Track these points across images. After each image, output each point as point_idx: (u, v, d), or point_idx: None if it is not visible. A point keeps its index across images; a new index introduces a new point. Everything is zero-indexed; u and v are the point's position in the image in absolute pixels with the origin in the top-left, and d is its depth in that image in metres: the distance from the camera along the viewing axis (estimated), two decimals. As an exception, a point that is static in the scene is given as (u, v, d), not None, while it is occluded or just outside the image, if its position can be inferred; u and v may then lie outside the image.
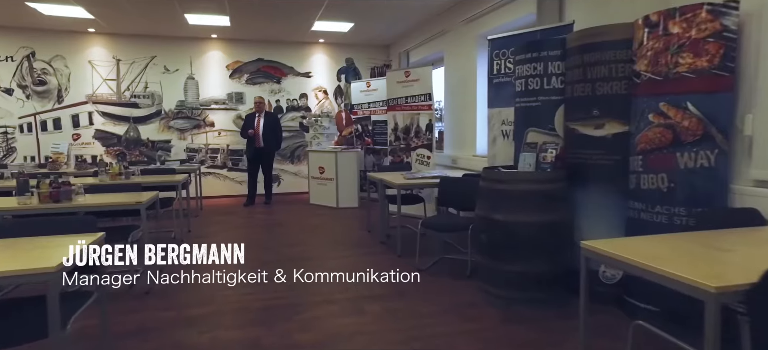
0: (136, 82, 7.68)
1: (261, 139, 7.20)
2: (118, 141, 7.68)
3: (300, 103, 8.52)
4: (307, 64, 8.50)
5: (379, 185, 4.90)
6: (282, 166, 8.47)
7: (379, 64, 8.85)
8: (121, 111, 7.66)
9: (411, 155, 6.25)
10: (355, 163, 7.08)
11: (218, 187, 8.18)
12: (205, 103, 8.03)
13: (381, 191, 4.92)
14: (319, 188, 7.33)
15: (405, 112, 6.26)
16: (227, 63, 8.10)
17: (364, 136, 7.80)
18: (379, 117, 7.49)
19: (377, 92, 7.50)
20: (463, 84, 5.97)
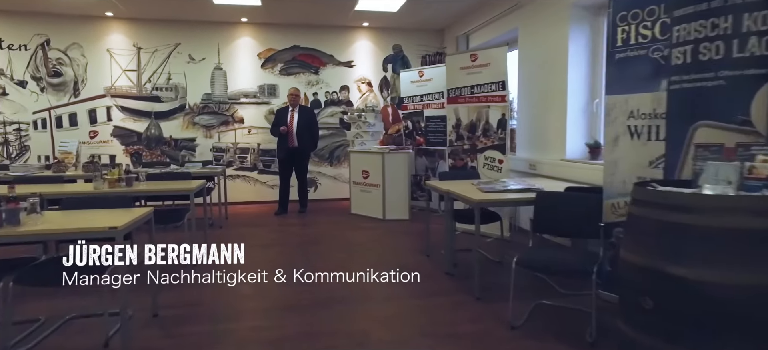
0: (158, 72, 6.83)
1: (295, 137, 6.17)
2: (138, 139, 6.85)
3: (340, 97, 7.45)
4: (349, 51, 7.42)
5: (446, 199, 3.71)
6: (319, 169, 7.43)
7: (431, 52, 7.64)
8: (141, 105, 6.82)
9: (477, 158, 5.03)
10: (405, 167, 5.93)
11: (247, 192, 7.22)
12: (234, 96, 7.09)
13: (448, 206, 3.75)
14: (362, 196, 6.22)
15: (470, 104, 5.05)
16: (259, 51, 7.13)
17: (415, 135, 6.63)
18: (434, 112, 6.30)
19: (432, 83, 6.32)
20: (547, 68, 4.70)
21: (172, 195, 3.84)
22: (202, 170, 5.47)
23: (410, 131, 6.71)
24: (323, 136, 7.24)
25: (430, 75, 6.33)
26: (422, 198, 6.47)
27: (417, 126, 6.59)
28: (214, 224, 5.71)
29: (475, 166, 5.04)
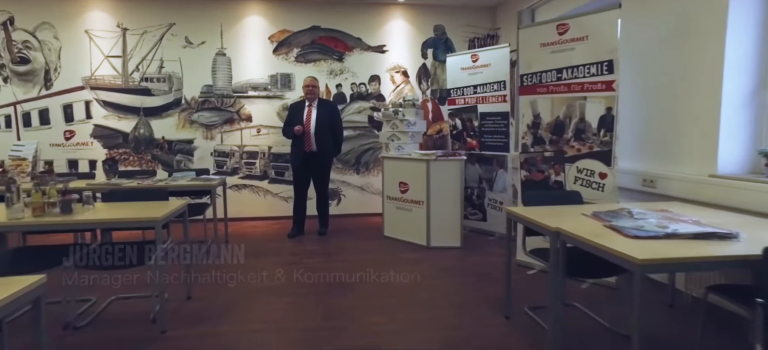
0: (148, 59, 5.58)
1: (313, 139, 4.84)
2: (124, 141, 5.61)
3: (370, 89, 6.08)
4: (381, 34, 6.04)
5: (554, 243, 2.28)
6: (343, 177, 6.07)
7: (481, 34, 6.22)
8: (128, 100, 5.58)
9: (564, 170, 3.58)
10: (458, 179, 4.52)
11: (256, 206, 5.92)
12: (241, 88, 5.79)
13: (556, 258, 2.30)
14: (398, 215, 4.84)
15: (557, 95, 3.61)
16: (270, 33, 5.82)
17: (465, 136, 5.21)
18: (493, 107, 4.87)
19: (489, 70, 4.88)
20: (681, 40, 3.23)
21: (125, 225, 2.57)
22: (192, 182, 4.16)
23: (459, 131, 5.29)
24: (348, 138, 5.89)
25: (487, 59, 4.90)
26: (474, 216, 5.06)
27: (468, 125, 5.17)
28: (210, 250, 4.40)
29: (562, 181, 3.60)
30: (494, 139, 4.92)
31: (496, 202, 4.98)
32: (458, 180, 4.52)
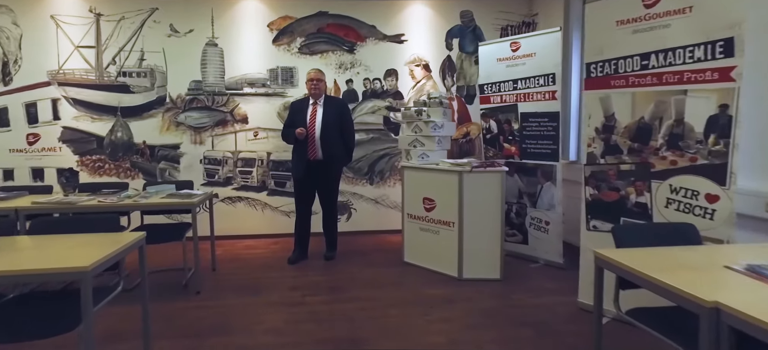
0: (126, 50, 4.76)
1: (318, 144, 3.99)
2: (98, 145, 4.79)
3: (386, 85, 5.21)
4: (398, 21, 5.17)
5: (711, 328, 1.37)
6: (354, 188, 5.21)
7: (515, 21, 5.32)
8: (102, 97, 4.76)
9: (651, 188, 2.68)
10: (498, 195, 3.63)
11: (253, 222, 5.07)
12: (235, 84, 4.95)
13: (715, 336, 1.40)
14: (422, 238, 3.96)
15: (638, 89, 2.70)
16: (270, 20, 4.97)
17: (503, 141, 4.32)
18: (538, 105, 3.98)
19: (534, 60, 3.99)
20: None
21: (52, 276, 1.74)
22: (166, 200, 3.31)
23: (493, 135, 4.40)
24: (360, 142, 5.02)
25: (532, 47, 4.01)
26: (512, 238, 4.18)
27: (505, 127, 4.28)
28: (189, 284, 3.56)
29: (647, 204, 2.70)
30: (539, 145, 4.03)
31: (541, 222, 4.08)
32: (498, 197, 3.63)
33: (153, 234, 3.58)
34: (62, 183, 3.37)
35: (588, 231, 3.00)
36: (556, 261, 4.00)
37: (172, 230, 3.59)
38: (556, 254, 4.00)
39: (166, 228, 3.72)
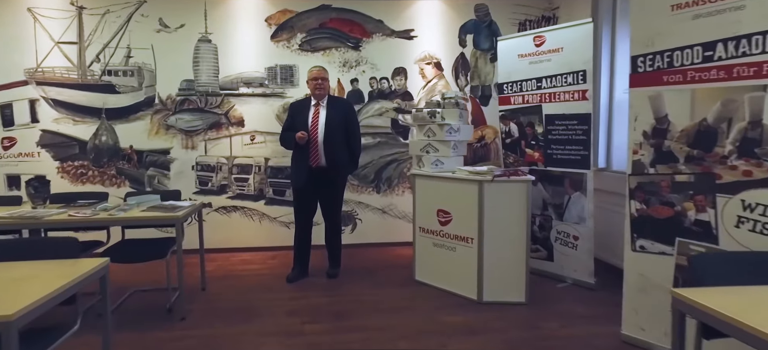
0: (111, 47, 4.36)
1: (321, 149, 3.58)
2: (81, 151, 4.40)
3: (394, 85, 4.79)
4: (408, 16, 4.76)
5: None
6: (359, 197, 4.79)
7: (534, 16, 4.90)
8: (86, 98, 4.37)
9: (716, 203, 2.24)
10: (523, 207, 3.19)
11: (250, 233, 4.66)
12: (230, 84, 4.55)
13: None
14: (436, 255, 3.54)
15: (699, 85, 2.27)
16: (268, 14, 4.57)
17: (525, 146, 3.90)
18: (566, 106, 3.55)
19: (561, 55, 3.57)
20: None
21: None
22: (146, 214, 2.90)
23: (514, 140, 3.97)
24: (366, 146, 4.61)
25: (558, 41, 3.58)
26: (535, 253, 3.76)
27: (527, 131, 3.85)
28: (173, 308, 3.14)
29: (711, 223, 2.26)
30: (567, 151, 3.60)
31: (568, 237, 3.65)
32: (523, 210, 3.20)
33: (133, 252, 3.19)
34: (30, 194, 2.98)
35: (634, 252, 2.56)
36: (585, 281, 3.56)
37: (156, 246, 3.18)
38: (586, 273, 3.56)
39: (149, 244, 3.31)
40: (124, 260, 3.09)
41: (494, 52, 4.87)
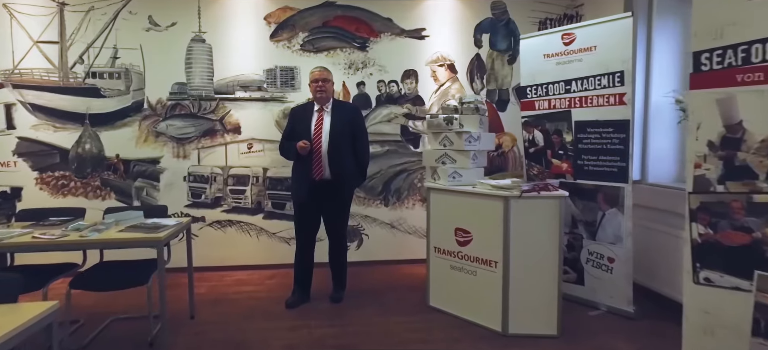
0: (96, 47, 4.00)
1: (325, 160, 3.19)
2: (62, 159, 4.02)
3: (404, 88, 4.41)
4: (419, 14, 4.38)
5: None
6: (365, 210, 4.40)
7: (555, 14, 4.52)
8: (68, 103, 4.00)
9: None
10: (555, 227, 2.79)
11: (247, 250, 4.27)
12: (225, 87, 4.18)
13: None
14: (454, 279, 3.13)
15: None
16: (267, 12, 4.20)
17: (551, 157, 3.50)
18: (600, 112, 3.15)
19: (594, 55, 3.17)
20: None
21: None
22: (124, 236, 2.51)
23: (538, 149, 3.58)
24: (374, 155, 4.22)
25: (591, 39, 3.19)
26: (564, 277, 3.34)
27: (554, 140, 3.45)
28: (155, 342, 2.75)
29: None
30: (601, 162, 3.20)
31: (602, 259, 3.24)
32: (556, 230, 2.80)
33: (110, 278, 2.81)
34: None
35: (696, 284, 2.16)
36: (623, 309, 3.15)
37: (137, 270, 2.79)
38: (623, 300, 3.15)
39: (129, 267, 2.92)
40: (100, 288, 2.71)
41: (512, 53, 4.50)
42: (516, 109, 4.49)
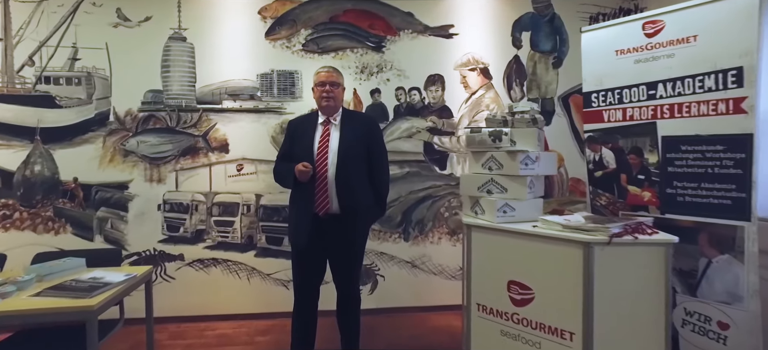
0: (50, 45, 3.25)
1: (332, 189, 2.39)
2: (5, 184, 3.24)
3: (428, 97, 3.62)
4: (445, 8, 3.62)
5: None
6: (380, 246, 3.59)
7: (609, 8, 3.75)
8: (13, 114, 3.24)
9: None
10: (659, 285, 1.96)
11: (235, 295, 3.46)
12: (210, 95, 3.41)
13: None
14: (507, 347, 2.29)
15: None
16: (261, 4, 3.45)
17: (626, 182, 2.68)
18: (703, 123, 2.34)
19: (695, 48, 2.37)
20: None
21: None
22: (34, 304, 1.70)
23: (608, 172, 2.76)
24: (392, 179, 3.41)
25: (687, 27, 2.40)
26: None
27: (632, 161, 2.64)
28: None
29: None
30: (705, 192, 2.38)
31: (709, 323, 2.40)
32: (661, 289, 1.98)
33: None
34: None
35: None
36: (740, 393, 2.30)
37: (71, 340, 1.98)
38: (739, 379, 2.30)
39: (61, 336, 2.11)
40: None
41: (558, 56, 3.72)
42: (563, 121, 3.70)
